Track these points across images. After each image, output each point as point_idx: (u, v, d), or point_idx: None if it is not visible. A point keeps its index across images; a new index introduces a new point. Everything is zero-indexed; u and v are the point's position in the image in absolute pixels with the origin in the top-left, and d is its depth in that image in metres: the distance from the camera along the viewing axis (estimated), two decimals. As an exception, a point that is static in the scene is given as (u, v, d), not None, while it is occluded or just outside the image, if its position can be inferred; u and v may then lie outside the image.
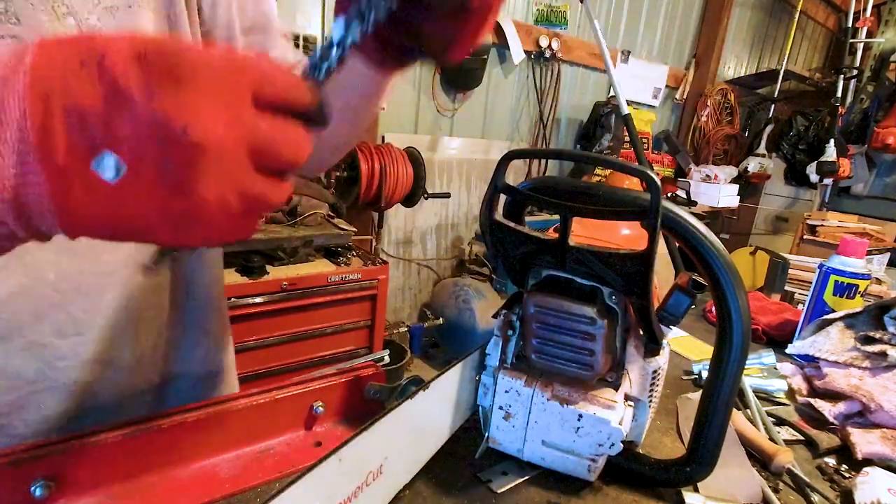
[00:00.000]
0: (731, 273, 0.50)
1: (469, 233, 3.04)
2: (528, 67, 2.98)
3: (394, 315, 2.87)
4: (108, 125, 0.23)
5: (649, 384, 0.57)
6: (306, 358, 1.70)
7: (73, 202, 0.24)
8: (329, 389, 0.62)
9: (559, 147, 3.40)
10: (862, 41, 3.85)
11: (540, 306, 0.54)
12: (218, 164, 0.25)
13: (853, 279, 0.92)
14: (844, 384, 0.76)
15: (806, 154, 4.02)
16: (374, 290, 1.77)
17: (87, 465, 0.48)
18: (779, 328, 1.04)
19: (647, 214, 0.46)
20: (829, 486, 0.62)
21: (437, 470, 0.57)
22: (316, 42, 2.09)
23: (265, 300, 1.52)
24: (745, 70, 4.62)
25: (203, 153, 0.24)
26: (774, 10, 4.58)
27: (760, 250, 2.89)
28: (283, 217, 1.72)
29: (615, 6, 3.34)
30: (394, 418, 0.48)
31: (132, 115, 0.23)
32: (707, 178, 3.63)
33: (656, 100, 3.84)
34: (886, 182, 4.10)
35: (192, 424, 0.53)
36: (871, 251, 2.64)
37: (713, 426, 0.54)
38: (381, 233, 2.52)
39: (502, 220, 0.55)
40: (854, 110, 3.90)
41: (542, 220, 2.60)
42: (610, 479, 0.58)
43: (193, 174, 0.24)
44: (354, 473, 0.45)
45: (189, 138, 0.24)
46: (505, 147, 3.03)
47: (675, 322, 0.55)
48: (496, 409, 0.58)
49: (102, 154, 0.23)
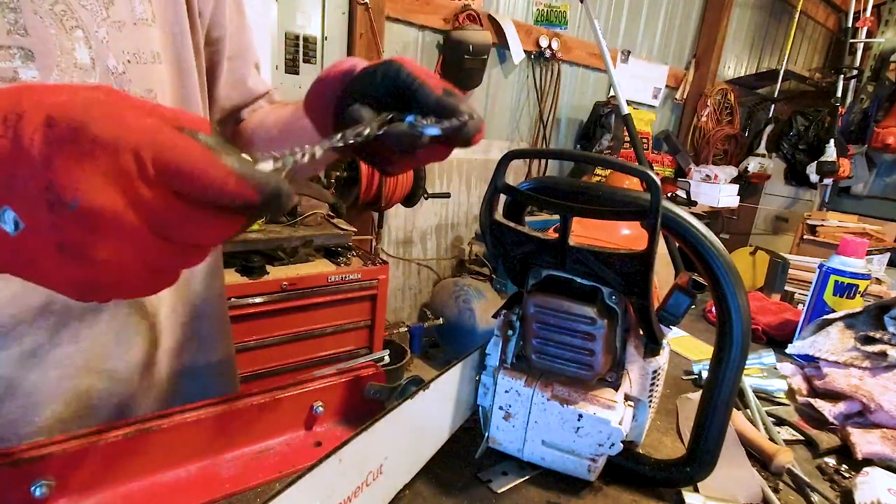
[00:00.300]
0: (731, 273, 0.50)
1: (469, 233, 3.04)
2: (528, 67, 2.98)
3: (394, 315, 2.87)
4: (8, 182, 0.24)
5: (649, 384, 0.57)
6: (306, 358, 1.70)
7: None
8: (329, 389, 0.62)
9: (559, 147, 3.40)
10: (862, 41, 3.85)
11: (540, 306, 0.54)
12: (113, 236, 0.25)
13: (853, 279, 0.92)
14: (844, 384, 0.76)
15: (806, 154, 4.02)
16: (374, 290, 1.77)
17: (87, 465, 0.47)
18: (779, 328, 1.04)
19: (647, 214, 0.46)
20: (829, 486, 0.62)
21: (437, 470, 0.57)
22: (316, 42, 2.09)
23: (265, 300, 1.52)
24: (745, 70, 4.62)
25: (95, 224, 0.24)
26: (774, 10, 4.58)
27: (760, 250, 2.89)
28: (283, 217, 1.72)
29: (615, 6, 3.34)
30: (394, 418, 0.48)
31: (29, 178, 0.24)
32: (707, 178, 3.63)
33: (656, 100, 3.84)
34: (886, 182, 4.10)
35: (192, 424, 0.53)
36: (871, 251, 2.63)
37: (713, 426, 0.54)
38: (381, 233, 2.52)
39: (502, 220, 0.55)
40: (854, 110, 3.90)
41: (542, 220, 2.60)
42: (610, 479, 0.58)
43: (87, 242, 0.25)
44: (354, 473, 0.45)
45: (79, 209, 0.24)
46: (505, 147, 3.03)
47: (675, 322, 0.55)
48: (496, 409, 0.58)
49: (3, 208, 0.24)
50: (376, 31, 2.19)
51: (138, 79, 0.53)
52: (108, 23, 0.50)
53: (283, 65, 2.03)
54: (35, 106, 0.24)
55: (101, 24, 0.50)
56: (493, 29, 2.65)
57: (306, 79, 2.10)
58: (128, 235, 0.25)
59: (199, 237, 0.28)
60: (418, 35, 2.48)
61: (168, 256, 0.27)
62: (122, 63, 0.52)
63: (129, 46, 0.52)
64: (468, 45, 2.44)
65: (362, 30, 2.17)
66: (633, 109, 3.12)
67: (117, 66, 0.52)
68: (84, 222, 0.24)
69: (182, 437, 0.52)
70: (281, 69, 2.02)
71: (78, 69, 0.49)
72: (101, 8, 0.50)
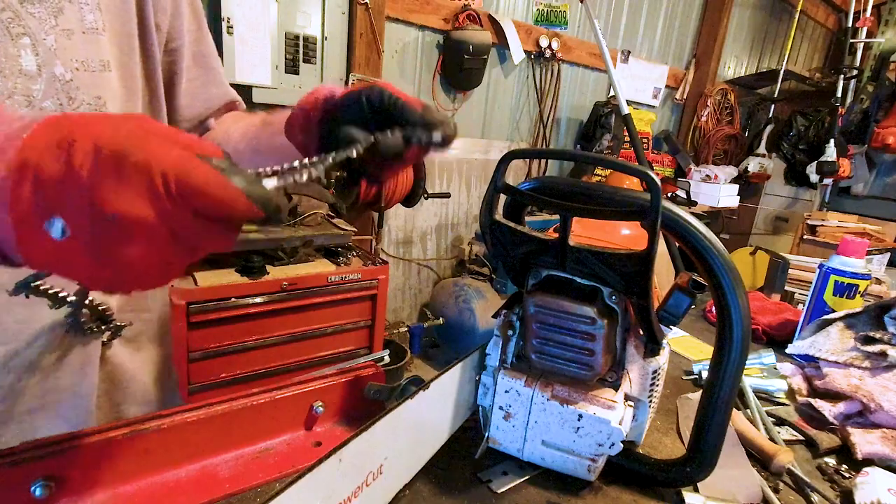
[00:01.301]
0: (731, 273, 0.50)
1: (469, 233, 3.04)
2: (528, 67, 2.97)
3: (394, 315, 2.87)
4: (59, 197, 0.29)
5: (649, 384, 0.57)
6: (306, 358, 1.70)
7: (28, 247, 0.30)
8: (329, 389, 0.62)
9: (559, 147, 3.39)
10: (862, 41, 3.85)
11: (540, 306, 0.54)
12: (141, 242, 0.30)
13: (853, 279, 0.92)
14: (844, 384, 0.76)
15: (806, 154, 4.01)
16: (374, 290, 1.76)
17: (87, 465, 0.48)
18: (779, 328, 1.04)
19: (647, 214, 0.46)
20: (829, 486, 0.62)
21: (437, 470, 0.57)
22: (316, 42, 2.09)
23: (265, 300, 1.52)
24: (745, 70, 4.62)
25: (129, 232, 0.30)
26: (774, 10, 4.58)
27: (760, 250, 2.89)
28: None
29: (615, 6, 3.34)
30: (394, 418, 0.48)
31: (77, 194, 0.29)
32: (707, 178, 3.63)
33: (656, 100, 3.83)
34: (886, 182, 4.10)
35: (191, 424, 0.53)
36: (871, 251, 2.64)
37: (713, 426, 0.54)
38: (381, 233, 2.52)
39: (502, 220, 0.55)
40: (854, 110, 3.90)
41: (542, 220, 2.60)
42: (610, 479, 0.58)
43: (121, 246, 0.30)
44: (354, 473, 0.45)
45: (117, 220, 0.29)
46: (505, 147, 3.03)
47: (675, 322, 0.55)
48: (496, 409, 0.58)
49: (53, 217, 0.29)
50: (376, 31, 2.19)
51: (87, 86, 0.55)
52: (56, 31, 0.52)
53: (283, 65, 2.03)
54: (86, 135, 0.29)
55: (49, 32, 0.51)
56: (493, 29, 2.65)
57: (306, 79, 2.10)
58: (154, 241, 0.30)
59: (210, 244, 0.33)
60: (418, 35, 2.48)
61: (181, 256, 0.33)
62: (70, 70, 0.53)
63: (78, 54, 0.54)
64: (468, 45, 2.44)
65: (362, 30, 2.17)
66: (633, 109, 3.11)
67: (65, 74, 0.53)
68: (119, 231, 0.29)
69: (182, 437, 0.52)
70: (281, 69, 2.02)
71: (23, 76, 0.50)
72: (50, 16, 0.51)
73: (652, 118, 3.62)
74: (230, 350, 1.51)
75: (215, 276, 1.47)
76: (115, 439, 0.49)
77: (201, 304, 1.40)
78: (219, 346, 1.49)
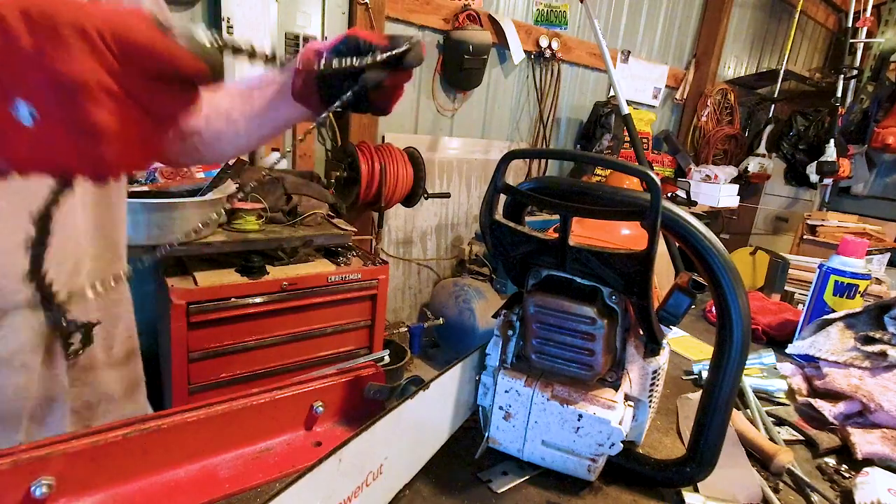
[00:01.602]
0: (731, 273, 0.50)
1: (469, 233, 3.04)
2: (528, 67, 2.97)
3: (394, 315, 2.87)
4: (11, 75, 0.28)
5: (649, 384, 0.57)
6: (306, 358, 1.70)
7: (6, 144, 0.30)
8: (329, 389, 0.62)
9: (559, 147, 3.39)
10: (862, 41, 3.85)
11: (540, 306, 0.54)
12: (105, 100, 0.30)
13: (853, 279, 0.92)
14: (844, 384, 0.76)
15: (806, 154, 4.01)
16: (374, 290, 1.76)
17: (87, 465, 0.47)
18: (779, 328, 1.04)
19: (647, 214, 0.46)
20: (829, 486, 0.62)
21: (437, 470, 0.57)
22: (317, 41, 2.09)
23: (265, 300, 1.52)
24: (745, 70, 4.62)
25: (90, 93, 0.29)
26: (774, 10, 4.58)
27: (760, 250, 2.88)
28: (283, 217, 1.72)
29: (615, 6, 3.34)
30: (394, 418, 0.48)
31: (28, 68, 0.28)
32: (707, 178, 3.63)
33: (656, 100, 3.83)
34: (886, 182, 4.10)
35: (191, 424, 0.53)
36: (871, 251, 2.64)
37: (713, 426, 0.54)
38: (381, 233, 2.52)
39: (502, 220, 0.55)
40: (854, 110, 3.89)
41: (542, 220, 2.60)
42: (610, 479, 0.58)
43: (88, 110, 0.30)
44: (354, 473, 0.45)
45: (76, 84, 0.29)
46: (505, 147, 3.03)
47: (675, 322, 0.55)
48: (496, 409, 0.58)
49: (16, 102, 0.28)
50: (376, 31, 2.19)
51: None
52: None
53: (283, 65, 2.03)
54: (5, 4, 0.28)
55: None
56: (493, 29, 2.65)
57: (306, 79, 2.09)
58: (115, 99, 0.30)
59: (166, 105, 0.33)
60: (418, 35, 2.48)
61: (150, 127, 0.33)
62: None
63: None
64: (468, 45, 2.44)
65: (362, 30, 2.17)
66: (633, 109, 3.11)
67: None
68: (82, 94, 0.29)
69: (181, 437, 0.52)
70: (281, 69, 2.02)
71: None
72: None
73: (652, 118, 3.62)
74: (230, 350, 1.51)
75: (215, 276, 1.47)
76: (115, 439, 0.49)
77: (201, 304, 1.40)
78: (219, 346, 1.49)
